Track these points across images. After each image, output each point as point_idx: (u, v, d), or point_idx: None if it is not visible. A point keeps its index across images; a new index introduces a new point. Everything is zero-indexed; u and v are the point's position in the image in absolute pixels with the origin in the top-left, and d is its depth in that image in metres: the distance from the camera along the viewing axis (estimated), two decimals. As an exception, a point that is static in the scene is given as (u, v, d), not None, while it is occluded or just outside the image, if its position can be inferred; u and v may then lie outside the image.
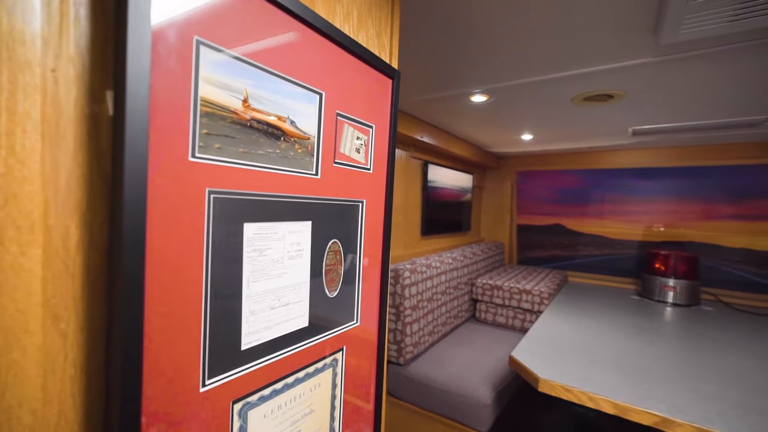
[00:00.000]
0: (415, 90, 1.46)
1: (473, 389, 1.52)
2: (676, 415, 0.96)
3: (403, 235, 2.03)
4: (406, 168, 2.04)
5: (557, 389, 1.11)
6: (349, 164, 0.60)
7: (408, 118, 1.81)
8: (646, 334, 1.55)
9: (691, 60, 1.09)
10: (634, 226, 2.57)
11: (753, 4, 0.77)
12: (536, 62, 1.15)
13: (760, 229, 2.21)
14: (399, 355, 1.69)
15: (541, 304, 2.05)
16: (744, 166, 2.23)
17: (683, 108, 1.55)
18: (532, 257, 2.93)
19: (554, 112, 1.66)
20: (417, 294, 1.76)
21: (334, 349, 0.59)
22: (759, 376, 1.18)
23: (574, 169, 2.74)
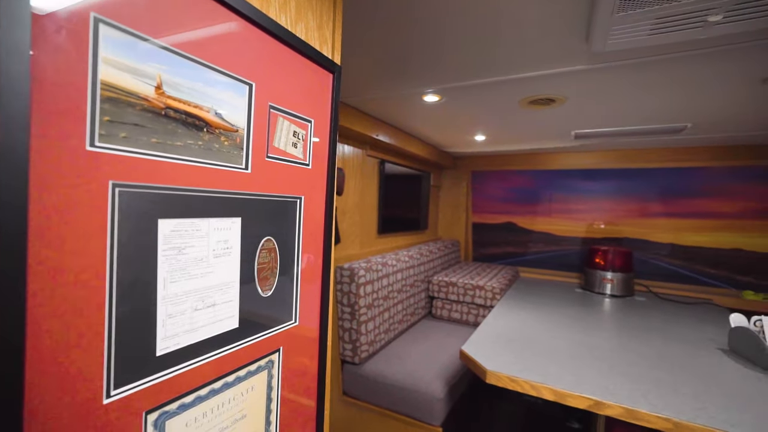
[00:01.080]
0: (368, 87, 1.45)
1: (427, 384, 1.54)
2: (607, 397, 1.03)
3: (359, 233, 2.02)
4: (362, 166, 2.03)
5: (503, 380, 1.16)
6: (284, 159, 0.58)
7: (363, 116, 1.80)
8: (586, 324, 1.66)
9: (621, 68, 1.17)
10: (578, 224, 2.74)
11: (667, 21, 0.84)
12: (483, 65, 1.19)
13: (685, 225, 2.44)
14: (354, 354, 1.68)
15: (493, 299, 2.13)
16: (673, 168, 2.45)
17: (619, 113, 1.67)
18: (487, 254, 3.04)
19: (503, 114, 1.72)
20: (372, 292, 1.76)
21: (269, 350, 0.57)
22: (680, 358, 1.30)
23: (525, 170, 2.87)
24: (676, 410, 0.97)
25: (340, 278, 1.68)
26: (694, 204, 2.41)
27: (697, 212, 2.40)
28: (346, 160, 1.90)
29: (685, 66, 1.13)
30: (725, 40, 0.95)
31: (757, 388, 1.11)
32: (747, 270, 2.31)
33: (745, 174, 2.28)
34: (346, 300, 1.68)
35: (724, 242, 2.35)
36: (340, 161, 1.84)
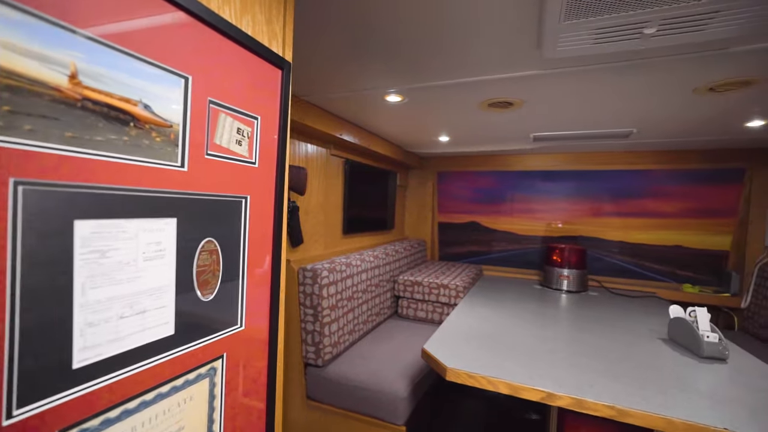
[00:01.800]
0: (330, 86, 1.43)
1: (390, 384, 1.54)
2: (558, 389, 1.07)
3: (323, 234, 1.99)
4: (326, 166, 2.00)
5: (462, 377, 1.18)
6: (227, 157, 0.56)
7: (327, 115, 1.78)
8: (542, 319, 1.72)
9: (572, 75, 1.23)
10: (538, 223, 2.85)
11: (608, 31, 0.89)
12: (443, 67, 1.21)
13: (633, 224, 2.60)
14: (317, 356, 1.65)
15: (456, 297, 2.17)
16: (622, 171, 2.60)
17: (572, 118, 1.75)
18: (452, 253, 3.10)
19: (465, 115, 1.76)
20: (336, 293, 1.74)
21: (210, 357, 0.55)
22: (625, 349, 1.38)
23: (489, 171, 2.95)
24: (619, 397, 1.03)
25: (303, 280, 1.65)
26: (641, 204, 2.58)
27: (643, 212, 2.57)
28: (310, 159, 1.86)
29: (628, 75, 1.21)
30: (660, 51, 1.02)
31: (690, 373, 1.20)
32: (686, 265, 2.50)
33: (684, 177, 2.47)
34: (308, 302, 1.65)
35: (667, 239, 2.53)
36: (302, 160, 1.81)
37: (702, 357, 1.33)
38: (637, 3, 0.79)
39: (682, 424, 0.93)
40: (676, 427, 0.94)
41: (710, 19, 0.82)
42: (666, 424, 0.95)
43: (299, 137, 1.78)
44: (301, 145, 1.80)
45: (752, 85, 1.25)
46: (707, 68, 1.14)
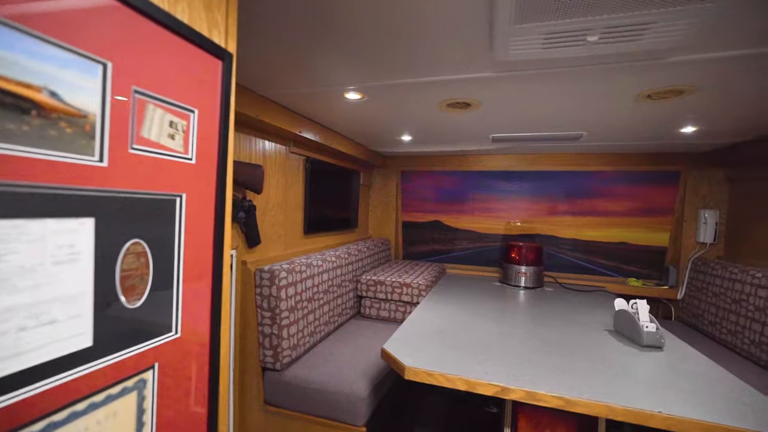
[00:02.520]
0: (287, 81, 1.39)
1: (350, 385, 1.53)
2: (512, 383, 1.10)
3: (282, 234, 1.94)
4: (285, 164, 1.95)
5: (420, 375, 1.18)
6: (157, 152, 0.52)
7: (286, 112, 1.72)
8: (501, 315, 1.78)
9: (525, 78, 1.27)
10: (498, 222, 2.94)
11: (555, 36, 0.92)
12: (402, 66, 1.20)
13: (584, 223, 2.75)
14: (276, 360, 1.60)
15: (419, 296, 2.19)
16: (575, 172, 2.74)
17: (528, 120, 1.81)
18: (416, 252, 3.13)
19: (425, 115, 1.77)
20: (296, 294, 1.70)
21: (139, 368, 0.51)
22: (574, 341, 1.45)
23: (451, 171, 3.01)
24: (568, 388, 1.07)
25: (260, 281, 1.60)
26: (591, 204, 2.73)
27: (593, 211, 2.72)
28: (267, 156, 1.80)
29: (575, 80, 1.26)
30: (603, 59, 1.08)
31: (632, 361, 1.28)
32: (631, 260, 2.68)
33: (629, 178, 2.64)
34: (266, 304, 1.59)
35: (614, 237, 2.69)
36: (260, 158, 1.74)
37: (642, 346, 1.43)
38: (580, 11, 0.83)
39: (622, 410, 0.99)
40: (617, 413, 0.99)
41: (646, 29, 0.88)
42: (608, 411, 1.00)
43: (256, 134, 1.71)
44: (258, 142, 1.73)
45: (685, 93, 1.35)
46: (646, 76, 1.21)
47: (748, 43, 0.97)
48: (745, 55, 1.03)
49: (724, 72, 1.15)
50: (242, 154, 1.62)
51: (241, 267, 1.61)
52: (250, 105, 1.47)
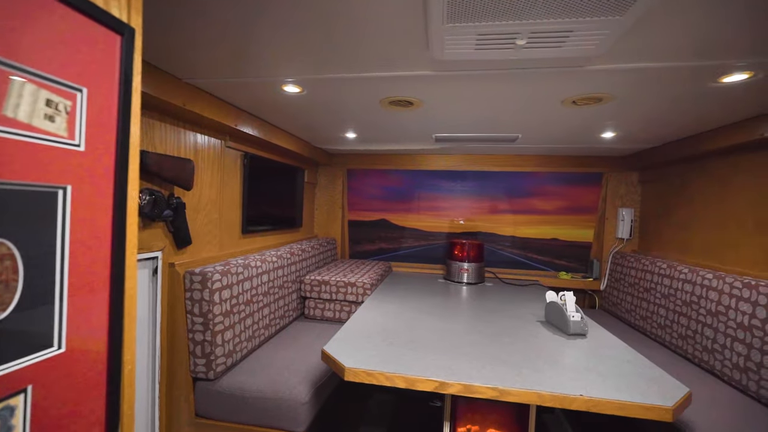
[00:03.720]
0: (219, 71, 1.29)
1: (290, 390, 1.46)
2: (450, 377, 1.12)
3: (217, 234, 1.81)
4: (220, 159, 1.82)
5: (360, 375, 1.16)
6: (28, 135, 0.43)
7: (219, 103, 1.61)
8: (443, 311, 1.81)
9: (463, 78, 1.30)
10: (443, 220, 3.02)
11: (487, 38, 0.95)
12: (340, 60, 1.17)
13: (521, 220, 2.92)
14: (209, 369, 1.49)
15: (364, 295, 2.17)
16: (513, 172, 2.89)
17: (468, 120, 1.87)
18: (362, 251, 3.12)
19: (368, 112, 1.75)
20: (231, 298, 1.59)
21: (3, 393, 0.42)
22: (510, 333, 1.52)
23: (398, 170, 3.03)
24: (502, 378, 1.12)
25: (190, 285, 1.47)
26: (527, 202, 2.90)
27: (529, 209, 2.90)
28: (200, 150, 1.67)
29: (508, 83, 1.32)
30: (532, 63, 1.13)
31: (560, 349, 1.36)
32: (561, 255, 2.89)
33: (560, 179, 2.85)
34: (197, 309, 1.48)
35: (546, 233, 2.89)
36: (190, 152, 1.61)
37: (569, 334, 1.53)
38: (509, 14, 0.86)
39: (550, 396, 1.05)
40: (545, 399, 1.05)
41: (567, 37, 0.93)
42: (538, 398, 1.06)
43: (186, 126, 1.58)
44: (189, 135, 1.60)
45: (603, 101, 1.47)
46: (569, 83, 1.30)
47: (655, 57, 1.08)
48: (652, 67, 1.15)
49: (635, 83, 1.27)
50: (169, 146, 1.48)
51: (168, 270, 1.48)
52: (175, 93, 1.34)
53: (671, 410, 0.99)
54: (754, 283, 1.51)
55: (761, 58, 1.05)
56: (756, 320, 1.46)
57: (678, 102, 1.45)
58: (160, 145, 1.43)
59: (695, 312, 1.79)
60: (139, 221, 1.35)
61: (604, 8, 0.81)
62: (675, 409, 0.99)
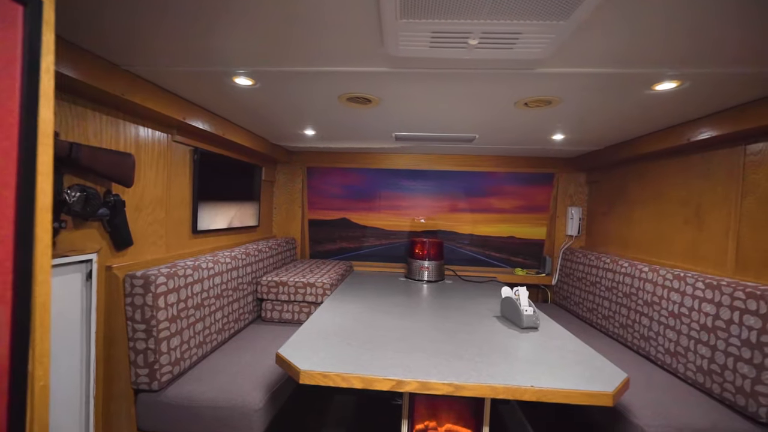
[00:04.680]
0: (161, 57, 1.20)
1: (243, 396, 1.40)
2: (407, 375, 1.12)
3: (164, 234, 1.69)
4: (167, 154, 1.70)
5: (316, 377, 1.13)
6: None
7: (165, 94, 1.50)
8: (402, 309, 1.82)
9: (419, 77, 1.30)
10: (404, 219, 3.04)
11: (440, 36, 0.96)
12: (294, 52, 1.13)
13: (480, 219, 3.00)
14: (152, 379, 1.39)
15: (324, 295, 2.13)
16: (472, 172, 2.97)
17: (428, 119, 1.88)
18: (323, 251, 3.06)
19: (326, 108, 1.72)
20: (179, 302, 1.49)
21: None
22: (467, 329, 1.55)
23: (359, 168, 3.01)
24: (458, 374, 1.13)
25: (131, 290, 1.36)
26: (485, 202, 2.99)
27: (488, 208, 2.99)
28: (142, 144, 1.55)
29: (464, 82, 1.34)
30: (485, 64, 1.16)
31: (513, 343, 1.41)
32: (517, 252, 3.01)
33: (516, 178, 2.96)
34: (139, 315, 1.37)
35: (503, 231, 3.00)
36: (131, 145, 1.49)
37: (522, 328, 1.59)
38: (460, 13, 0.86)
39: (503, 389, 1.08)
40: (498, 392, 1.08)
41: (515, 39, 0.96)
42: (491, 391, 1.08)
43: (125, 117, 1.46)
44: (129, 127, 1.48)
45: (552, 104, 1.54)
46: (521, 85, 1.34)
47: (597, 63, 1.14)
48: (594, 73, 1.21)
49: (580, 87, 1.34)
50: (105, 139, 1.36)
51: (105, 273, 1.36)
52: (111, 81, 1.23)
53: (611, 395, 1.05)
54: (682, 275, 1.64)
55: (688, 68, 1.15)
56: (684, 309, 1.60)
57: (618, 107, 1.55)
58: (94, 138, 1.31)
59: (634, 303, 1.93)
60: (70, 220, 1.23)
61: (548, 12, 0.84)
62: (615, 394, 1.05)
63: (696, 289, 1.55)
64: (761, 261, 1.47)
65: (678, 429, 1.27)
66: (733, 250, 1.59)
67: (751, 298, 1.32)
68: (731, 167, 1.63)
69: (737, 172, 1.59)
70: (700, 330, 1.51)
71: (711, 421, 1.30)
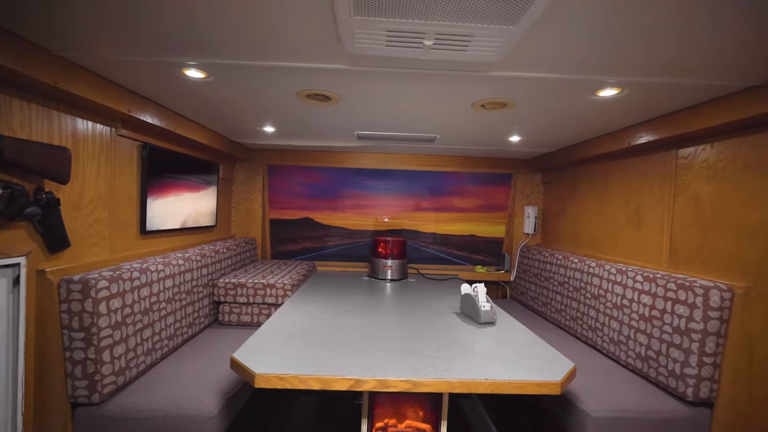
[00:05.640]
0: (102, 45, 1.11)
1: (196, 404, 1.33)
2: (365, 374, 1.11)
3: (107, 235, 1.58)
4: (110, 149, 1.59)
5: (272, 380, 1.10)
6: None
7: (107, 85, 1.40)
8: (364, 309, 1.81)
9: (378, 75, 1.30)
10: (368, 219, 3.04)
11: (396, 35, 0.96)
12: (248, 45, 1.09)
13: (442, 218, 3.06)
14: (92, 391, 1.29)
15: (284, 296, 2.08)
16: (434, 172, 3.02)
17: (389, 119, 1.89)
18: (285, 251, 3.00)
19: (285, 105, 1.68)
20: (124, 307, 1.40)
21: None
22: (427, 326, 1.57)
23: (322, 167, 2.97)
24: (416, 370, 1.14)
25: (67, 295, 1.26)
26: (447, 201, 3.06)
27: (449, 207, 3.06)
28: (80, 138, 1.44)
29: (423, 83, 1.36)
30: (441, 65, 1.18)
31: (471, 338, 1.44)
32: (478, 250, 3.10)
33: (477, 178, 3.05)
34: (76, 323, 1.26)
35: (464, 230, 3.08)
36: (67, 139, 1.37)
37: (480, 323, 1.64)
38: (414, 13, 0.87)
39: (459, 383, 1.10)
40: (455, 387, 1.10)
41: (468, 42, 0.98)
42: (448, 386, 1.10)
43: (61, 108, 1.34)
44: (65, 119, 1.36)
45: (507, 107, 1.60)
46: (476, 87, 1.38)
47: (546, 69, 1.19)
48: (544, 78, 1.27)
49: (532, 91, 1.40)
50: (36, 131, 1.24)
51: (37, 278, 1.24)
52: (42, 68, 1.13)
53: (559, 384, 1.10)
54: (624, 269, 1.77)
55: (626, 77, 1.23)
56: (626, 300, 1.72)
57: (567, 111, 1.64)
58: (21, 129, 1.19)
59: (583, 296, 2.05)
60: (-7, 220, 1.11)
61: (498, 17, 0.87)
62: (562, 383, 1.11)
63: (636, 282, 1.67)
64: (689, 255, 1.62)
65: (619, 412, 1.37)
66: (667, 246, 1.74)
67: (681, 289, 1.44)
68: (665, 170, 1.77)
69: (670, 175, 1.74)
70: (639, 320, 1.63)
71: (647, 403, 1.41)
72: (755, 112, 1.26)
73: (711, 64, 1.11)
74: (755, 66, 1.11)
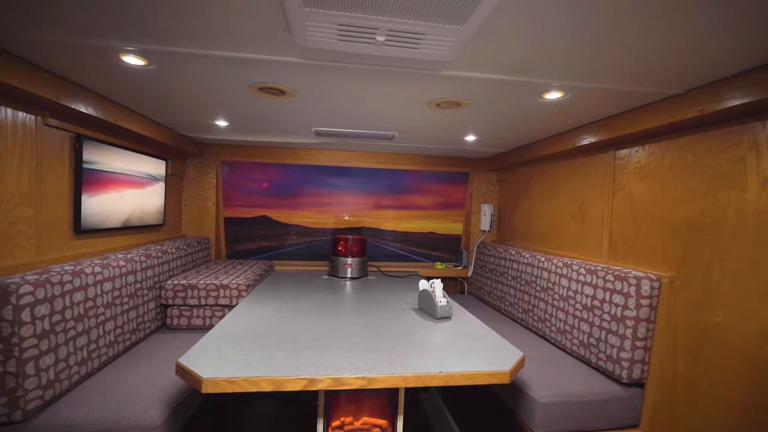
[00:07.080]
0: (19, 20, 1.00)
1: (137, 415, 1.24)
2: (320, 373, 1.10)
3: (33, 235, 1.43)
4: (35, 140, 1.44)
5: (221, 385, 1.05)
6: None
7: (30, 67, 1.27)
8: (322, 308, 1.78)
9: (332, 70, 1.28)
10: (327, 216, 3.00)
11: (348, 30, 0.95)
12: (192, 31, 1.02)
13: (402, 215, 3.09)
14: (13, 409, 1.16)
15: (239, 297, 2.00)
16: (394, 169, 3.04)
17: (347, 115, 1.87)
18: (241, 250, 2.88)
19: (237, 98, 1.61)
20: (53, 314, 1.27)
21: None
22: (385, 322, 1.58)
23: (280, 164, 2.89)
24: (372, 367, 1.14)
25: (-19, 302, 1.12)
26: (407, 199, 3.09)
27: (409, 205, 3.09)
28: (-2, 127, 1.29)
29: (377, 80, 1.35)
30: (394, 62, 1.18)
31: (428, 333, 1.47)
32: (437, 247, 3.17)
33: (436, 177, 3.11)
34: (-6, 333, 1.13)
35: (424, 227, 3.13)
36: (-18, 127, 1.23)
37: (437, 318, 1.67)
38: (365, 8, 0.86)
39: (413, 377, 1.11)
40: (409, 381, 1.11)
41: (420, 39, 0.99)
42: (403, 381, 1.11)
43: (-27, 92, 1.20)
44: (-22, 105, 1.22)
45: (462, 106, 1.64)
46: (430, 86, 1.40)
47: (495, 70, 1.23)
48: (494, 79, 1.31)
49: (484, 91, 1.45)
50: (-58, 118, 1.10)
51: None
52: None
53: (508, 373, 1.15)
54: (570, 263, 1.88)
55: (568, 81, 1.31)
56: (571, 292, 1.83)
57: (517, 112, 1.71)
58: None
59: (533, 289, 2.16)
60: None
61: (447, 16, 0.88)
62: (511, 372, 1.16)
63: (580, 274, 1.79)
64: (626, 249, 1.75)
65: (564, 396, 1.45)
66: (607, 240, 1.87)
67: (617, 279, 1.56)
68: (605, 170, 1.90)
69: (609, 174, 1.87)
70: (582, 309, 1.75)
71: (589, 387, 1.51)
72: (678, 118, 1.39)
73: (640, 73, 1.21)
74: (679, 76, 1.22)
